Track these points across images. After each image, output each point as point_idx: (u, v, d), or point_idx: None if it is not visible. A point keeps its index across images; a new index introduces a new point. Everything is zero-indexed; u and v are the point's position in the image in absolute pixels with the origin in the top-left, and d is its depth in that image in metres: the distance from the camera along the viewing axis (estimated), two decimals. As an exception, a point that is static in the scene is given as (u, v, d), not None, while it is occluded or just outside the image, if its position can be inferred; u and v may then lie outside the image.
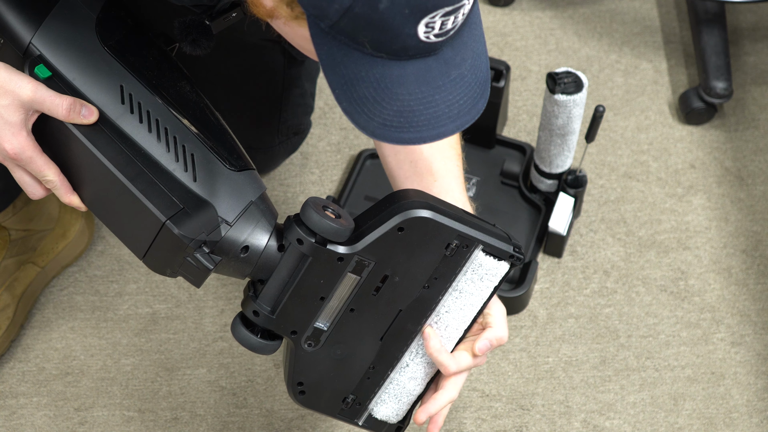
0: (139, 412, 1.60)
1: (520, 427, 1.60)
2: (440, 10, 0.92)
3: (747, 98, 1.92)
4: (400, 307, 1.15)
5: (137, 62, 1.11)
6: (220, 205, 1.11)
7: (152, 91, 1.11)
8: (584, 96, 1.59)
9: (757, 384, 1.64)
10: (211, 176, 1.11)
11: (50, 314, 1.68)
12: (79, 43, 1.10)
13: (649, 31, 2.00)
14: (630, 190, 1.82)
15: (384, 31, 0.91)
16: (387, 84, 0.94)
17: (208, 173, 1.11)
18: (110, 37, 1.11)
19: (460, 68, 0.98)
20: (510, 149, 1.82)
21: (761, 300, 1.71)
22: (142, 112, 1.11)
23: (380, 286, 1.13)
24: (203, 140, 1.12)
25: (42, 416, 1.60)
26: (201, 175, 1.11)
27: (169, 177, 1.10)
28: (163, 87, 1.13)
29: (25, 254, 1.65)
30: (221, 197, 1.11)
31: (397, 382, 1.21)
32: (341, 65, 0.94)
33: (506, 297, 1.66)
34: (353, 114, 0.96)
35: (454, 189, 1.25)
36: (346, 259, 1.09)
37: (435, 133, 0.98)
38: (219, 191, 1.11)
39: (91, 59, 1.10)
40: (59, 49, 1.10)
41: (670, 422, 1.61)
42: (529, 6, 2.03)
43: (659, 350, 1.67)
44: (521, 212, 1.75)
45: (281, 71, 1.62)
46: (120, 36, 1.12)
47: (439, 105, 0.97)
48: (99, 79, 1.10)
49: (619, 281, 1.73)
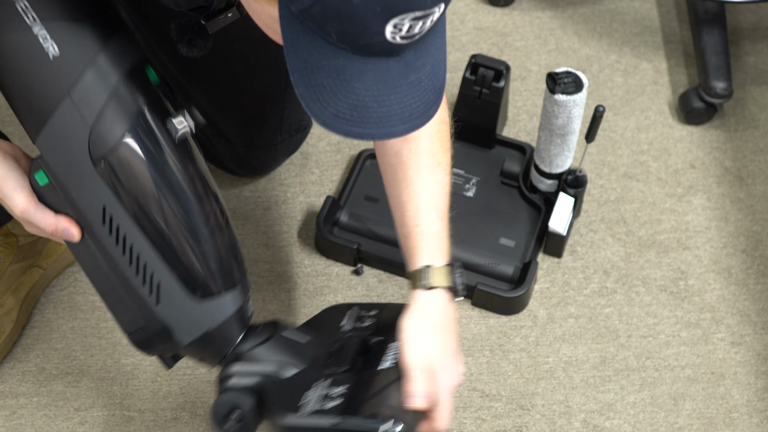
0: (139, 412, 1.60)
1: (520, 427, 1.60)
2: (411, 14, 0.93)
3: (747, 98, 1.92)
4: None
5: (127, 181, 1.16)
6: (177, 330, 1.22)
7: (132, 215, 1.17)
8: (584, 96, 1.59)
9: (757, 384, 1.64)
10: (172, 303, 1.21)
11: (50, 314, 1.68)
12: (71, 157, 1.15)
13: (649, 31, 2.00)
14: (630, 190, 1.82)
15: (353, 24, 0.92)
16: (346, 77, 0.95)
17: (170, 300, 1.20)
18: (102, 147, 1.15)
19: (419, 72, 0.99)
20: (510, 149, 1.82)
21: (761, 300, 1.71)
22: (119, 236, 1.18)
23: None
24: (172, 269, 1.20)
25: (42, 416, 1.60)
26: (164, 301, 1.20)
27: (137, 297, 1.20)
28: (146, 210, 1.18)
29: (31, 258, 1.65)
30: (179, 323, 1.22)
31: None
32: (304, 51, 0.96)
33: (506, 297, 1.66)
34: (308, 101, 0.98)
35: (425, 204, 1.28)
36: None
37: (384, 132, 0.99)
38: (178, 318, 1.22)
39: (81, 176, 1.15)
40: (55, 159, 1.15)
41: (670, 422, 1.61)
42: (529, 6, 2.03)
43: (659, 350, 1.67)
44: (521, 212, 1.75)
45: (284, 66, 1.62)
46: (115, 142, 1.15)
47: (393, 105, 0.98)
48: (86, 197, 1.16)
49: (619, 281, 1.73)
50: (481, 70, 1.72)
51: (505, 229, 1.73)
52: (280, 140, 1.72)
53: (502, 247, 1.71)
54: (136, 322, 1.23)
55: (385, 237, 1.72)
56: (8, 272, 1.62)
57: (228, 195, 1.80)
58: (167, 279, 1.20)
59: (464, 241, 1.71)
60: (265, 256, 1.74)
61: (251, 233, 1.77)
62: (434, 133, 1.32)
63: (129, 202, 1.17)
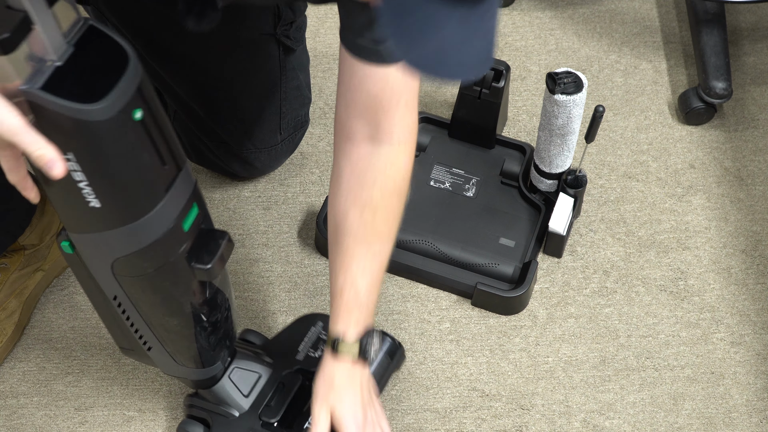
0: (139, 412, 1.60)
1: (520, 427, 1.60)
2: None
3: (746, 98, 1.93)
4: None
5: (140, 283, 1.25)
6: (159, 366, 1.40)
7: (138, 308, 1.28)
8: (584, 96, 1.59)
9: (757, 384, 1.64)
10: (159, 358, 1.38)
11: (51, 314, 1.68)
12: (98, 261, 1.22)
13: (648, 31, 2.00)
14: (630, 190, 1.82)
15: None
16: (435, 23, 0.96)
17: (157, 355, 1.38)
18: (125, 271, 1.22)
19: (488, 22, 1.00)
20: (510, 149, 1.82)
21: (761, 300, 1.72)
22: (125, 313, 1.30)
23: None
24: (163, 346, 1.36)
25: (42, 416, 1.60)
26: (153, 354, 1.37)
27: (130, 337, 1.35)
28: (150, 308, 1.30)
29: (35, 263, 1.66)
30: (163, 367, 1.41)
31: None
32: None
33: (506, 297, 1.66)
34: (397, 40, 0.98)
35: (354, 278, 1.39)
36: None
37: (462, 74, 1.01)
38: (163, 366, 1.41)
39: (100, 271, 1.23)
40: (83, 251, 1.22)
41: (670, 422, 1.61)
42: (529, 6, 2.03)
43: (659, 350, 1.67)
44: (521, 212, 1.76)
45: (277, 63, 1.63)
46: (139, 273, 1.23)
47: (469, 51, 1.00)
48: (101, 280, 1.25)
49: (619, 281, 1.73)
50: (481, 70, 1.72)
51: (505, 229, 1.73)
52: (280, 139, 1.72)
53: (502, 247, 1.72)
54: (123, 342, 1.38)
55: (385, 237, 1.72)
56: (12, 278, 1.63)
57: (228, 195, 1.80)
58: (158, 349, 1.36)
59: (464, 241, 1.71)
60: (265, 256, 1.74)
61: (251, 233, 1.77)
62: (380, 207, 1.37)
63: (139, 296, 1.26)
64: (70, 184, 1.09)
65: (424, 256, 1.72)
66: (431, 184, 1.78)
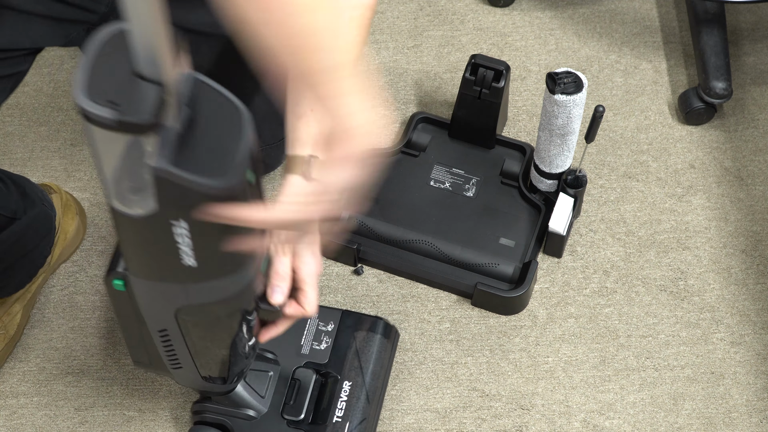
0: (139, 412, 1.60)
1: (520, 427, 1.60)
2: None
3: (746, 98, 1.92)
4: None
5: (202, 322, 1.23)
6: (177, 379, 1.36)
7: (188, 340, 1.24)
8: (584, 96, 1.59)
9: (757, 384, 1.64)
10: (184, 376, 1.35)
11: (50, 314, 1.68)
12: (158, 306, 1.20)
13: (648, 31, 2.00)
14: (630, 190, 1.82)
15: None
16: None
17: (182, 375, 1.34)
18: (187, 316, 1.20)
19: None
20: (510, 149, 1.82)
21: (761, 300, 1.72)
22: (166, 340, 1.25)
23: None
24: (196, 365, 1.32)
25: (42, 416, 1.60)
26: (176, 373, 1.33)
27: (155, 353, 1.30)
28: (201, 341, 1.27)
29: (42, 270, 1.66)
30: (182, 380, 1.38)
31: None
32: None
33: (506, 297, 1.66)
34: None
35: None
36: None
37: None
38: (183, 380, 1.37)
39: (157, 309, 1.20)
40: (141, 297, 1.18)
41: (670, 422, 1.61)
42: (529, 6, 2.03)
43: (659, 350, 1.67)
44: (521, 212, 1.76)
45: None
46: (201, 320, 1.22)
47: None
48: (149, 321, 1.22)
49: (619, 281, 1.73)
50: (481, 70, 1.72)
51: (505, 229, 1.73)
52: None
53: (502, 247, 1.72)
54: (143, 358, 1.31)
55: (386, 237, 1.72)
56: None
57: (228, 195, 1.80)
58: (189, 369, 1.31)
59: (464, 241, 1.71)
60: (265, 256, 1.74)
61: (251, 233, 1.77)
62: (354, 17, 1.24)
63: (189, 336, 1.24)
64: (170, 243, 1.05)
65: (424, 256, 1.72)
66: (431, 184, 1.78)
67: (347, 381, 1.53)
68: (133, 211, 1.03)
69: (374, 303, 1.70)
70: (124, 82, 0.94)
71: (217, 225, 1.04)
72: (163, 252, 1.07)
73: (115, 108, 0.92)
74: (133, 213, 1.03)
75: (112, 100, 0.92)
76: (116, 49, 0.95)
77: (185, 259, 1.07)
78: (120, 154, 0.98)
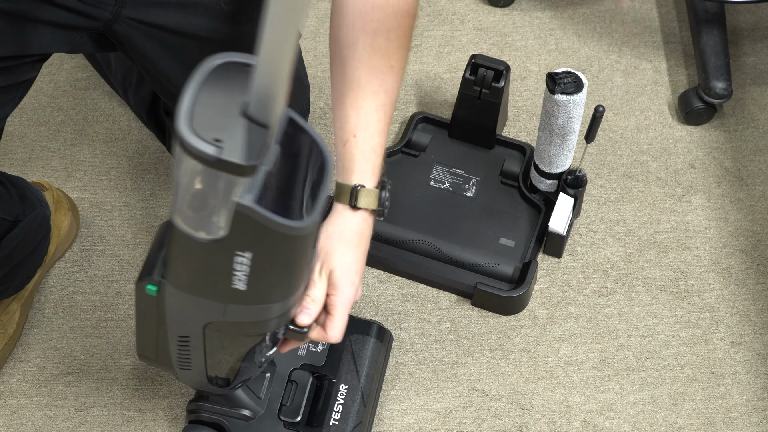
0: (139, 412, 1.60)
1: (520, 427, 1.60)
2: None
3: (746, 98, 1.92)
4: None
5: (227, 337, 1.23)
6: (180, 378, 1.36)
7: (207, 349, 1.24)
8: (584, 96, 1.59)
9: (757, 384, 1.64)
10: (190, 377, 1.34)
11: (50, 314, 1.68)
12: (187, 318, 1.19)
13: (649, 31, 2.00)
14: (630, 190, 1.82)
15: None
16: None
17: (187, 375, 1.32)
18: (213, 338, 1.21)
19: None
20: (510, 149, 1.82)
21: (761, 300, 1.71)
22: (183, 346, 1.24)
23: None
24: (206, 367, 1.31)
25: (42, 416, 1.60)
26: (182, 374, 1.32)
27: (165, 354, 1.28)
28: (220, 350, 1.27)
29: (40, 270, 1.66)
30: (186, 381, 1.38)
31: None
32: None
33: (506, 297, 1.66)
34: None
35: (367, 115, 1.24)
36: None
37: None
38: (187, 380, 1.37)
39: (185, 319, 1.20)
40: (169, 308, 1.18)
41: (670, 422, 1.61)
42: (529, 6, 2.03)
43: (659, 350, 1.67)
44: (521, 212, 1.76)
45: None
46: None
47: None
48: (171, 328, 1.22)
49: (619, 281, 1.73)
50: (481, 70, 1.72)
51: (505, 229, 1.73)
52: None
53: (502, 247, 1.72)
54: (150, 354, 1.29)
55: (386, 237, 1.72)
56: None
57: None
58: (198, 371, 1.29)
59: (464, 241, 1.71)
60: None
61: (251, 233, 1.76)
62: (393, 28, 1.24)
63: (210, 346, 1.23)
64: (226, 268, 1.05)
65: (424, 256, 1.72)
66: (431, 184, 1.78)
67: (343, 384, 1.53)
68: (198, 235, 1.02)
69: (374, 303, 1.70)
70: (230, 119, 0.93)
71: (281, 259, 1.05)
72: (215, 274, 1.07)
73: (219, 146, 0.91)
74: (198, 236, 1.02)
75: (217, 137, 0.91)
76: (222, 80, 0.94)
77: (237, 284, 1.07)
78: (202, 182, 0.97)
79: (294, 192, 1.03)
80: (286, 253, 1.05)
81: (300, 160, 1.04)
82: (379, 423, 1.59)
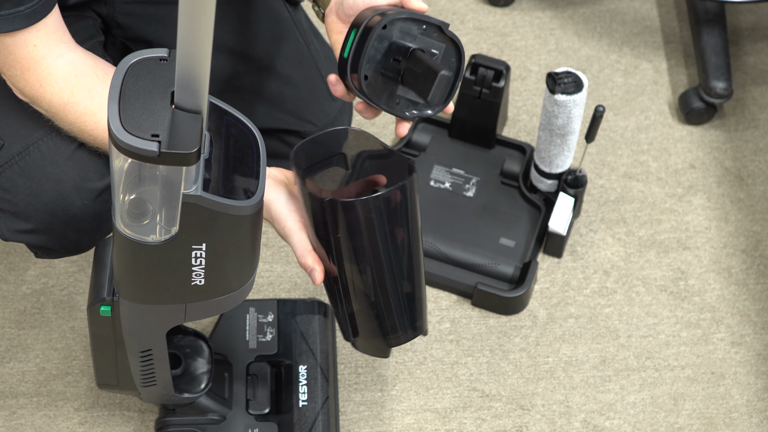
0: (139, 412, 1.60)
1: (520, 427, 1.60)
2: None
3: (747, 98, 1.92)
4: None
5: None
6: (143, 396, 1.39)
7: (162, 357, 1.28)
8: (584, 96, 1.59)
9: (757, 384, 1.64)
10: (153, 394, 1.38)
11: (50, 314, 1.68)
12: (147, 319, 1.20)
13: (649, 31, 2.00)
14: (630, 190, 1.82)
15: None
16: None
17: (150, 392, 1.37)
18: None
19: None
20: (510, 149, 1.82)
21: (761, 300, 1.71)
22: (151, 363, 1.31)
23: None
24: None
25: (42, 416, 1.60)
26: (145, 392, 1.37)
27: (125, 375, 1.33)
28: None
29: None
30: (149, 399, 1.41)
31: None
32: None
33: (506, 297, 1.66)
34: None
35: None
36: None
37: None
38: (151, 398, 1.40)
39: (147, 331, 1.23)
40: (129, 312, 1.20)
41: (670, 422, 1.61)
42: (529, 6, 2.03)
43: (659, 350, 1.67)
44: (521, 212, 1.76)
45: (291, 23, 1.54)
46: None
47: None
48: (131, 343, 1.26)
49: (619, 281, 1.73)
50: (481, 70, 1.72)
51: (505, 229, 1.73)
52: (336, 110, 1.60)
53: (502, 247, 1.72)
54: (111, 380, 1.34)
55: (385, 237, 1.72)
56: None
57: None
58: (164, 385, 1.33)
59: (464, 241, 1.71)
60: (265, 256, 1.74)
61: (251, 233, 1.77)
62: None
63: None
64: (185, 266, 1.06)
65: (424, 256, 1.72)
66: (431, 184, 1.78)
67: (301, 365, 1.54)
68: (149, 239, 1.03)
69: (374, 303, 1.70)
70: (159, 113, 0.94)
71: (237, 243, 1.06)
72: (173, 274, 1.07)
73: (158, 140, 0.92)
74: (149, 240, 1.03)
75: (153, 133, 0.93)
76: (140, 78, 0.96)
77: (195, 279, 1.08)
78: (146, 182, 0.98)
79: (232, 174, 1.04)
80: (240, 234, 1.06)
81: (229, 141, 1.05)
82: (379, 423, 1.60)
